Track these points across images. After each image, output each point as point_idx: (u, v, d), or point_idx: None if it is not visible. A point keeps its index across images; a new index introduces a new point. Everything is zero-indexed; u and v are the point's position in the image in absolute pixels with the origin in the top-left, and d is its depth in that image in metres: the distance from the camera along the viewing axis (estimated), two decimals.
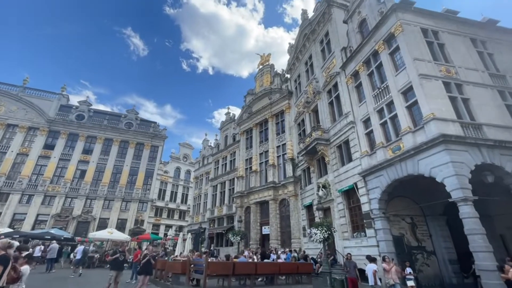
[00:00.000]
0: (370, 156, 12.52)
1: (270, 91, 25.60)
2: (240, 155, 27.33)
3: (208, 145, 36.25)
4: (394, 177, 10.82)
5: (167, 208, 38.18)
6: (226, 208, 26.99)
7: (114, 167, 34.59)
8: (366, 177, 12.41)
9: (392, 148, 11.24)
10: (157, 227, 36.48)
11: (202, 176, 34.44)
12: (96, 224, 30.29)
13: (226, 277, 8.31)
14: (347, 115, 14.60)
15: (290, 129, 22.39)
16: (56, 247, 13.82)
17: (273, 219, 20.53)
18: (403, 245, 11.33)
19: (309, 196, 17.99)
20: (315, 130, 16.31)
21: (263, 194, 21.97)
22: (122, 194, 33.28)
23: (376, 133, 12.24)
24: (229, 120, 32.26)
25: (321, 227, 10.33)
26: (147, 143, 37.75)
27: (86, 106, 37.41)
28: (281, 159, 22.69)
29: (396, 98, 11.28)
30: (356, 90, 14.47)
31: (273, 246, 18.93)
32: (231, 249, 23.72)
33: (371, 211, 11.86)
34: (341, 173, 14.51)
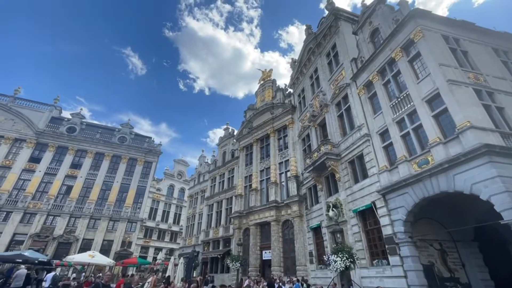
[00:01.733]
0: (390, 172, 11.21)
1: (272, 106, 24.68)
2: (239, 172, 25.74)
3: (204, 161, 34.62)
4: (423, 195, 9.45)
5: (157, 228, 35.51)
6: (222, 230, 24.86)
7: (103, 183, 32.48)
8: (387, 195, 10.99)
9: (417, 162, 9.98)
10: (146, 249, 33.59)
11: (197, 195, 32.42)
12: (78, 246, 27.60)
13: None
14: (361, 128, 13.48)
15: (293, 144, 21.16)
16: (23, 273, 11.68)
17: (275, 242, 18.60)
18: (434, 276, 9.69)
19: (316, 217, 16.34)
20: (324, 144, 15.08)
21: (264, 214, 20.17)
22: (110, 212, 30.90)
23: (397, 146, 11.03)
24: (228, 135, 31.02)
25: (342, 254, 8.72)
26: (141, 158, 35.98)
27: (79, 118, 35.95)
28: (283, 176, 21.19)
29: (420, 107, 10.22)
30: (370, 101, 13.49)
31: (275, 273, 16.86)
32: (227, 276, 21.39)
33: (395, 235, 10.31)
34: (355, 191, 13.08)
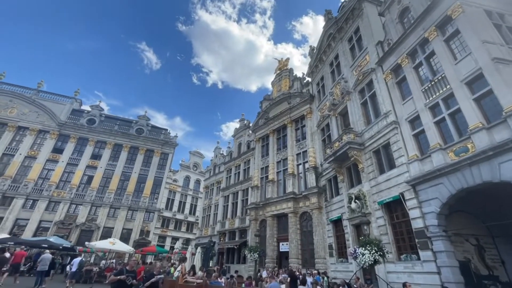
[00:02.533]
0: (421, 161, 10.41)
1: (289, 96, 23.96)
2: (255, 164, 25.40)
3: (220, 153, 34.57)
4: (461, 186, 8.65)
5: (174, 219, 36.14)
6: (238, 221, 24.79)
7: (122, 173, 33.25)
8: (418, 186, 10.24)
9: (454, 150, 9.14)
10: (163, 239, 34.34)
11: (212, 186, 32.52)
12: (100, 233, 28.56)
13: None
14: (387, 115, 12.64)
15: (312, 135, 20.47)
16: (48, 258, 11.98)
17: (292, 234, 18.22)
18: (470, 273, 8.96)
19: (336, 210, 15.76)
20: (347, 133, 14.34)
21: (281, 206, 19.79)
22: (129, 202, 31.67)
23: (430, 133, 10.19)
24: (243, 127, 30.66)
25: (371, 247, 8.17)
26: (157, 150, 36.47)
27: (98, 110, 36.77)
28: (301, 167, 20.63)
29: (459, 90, 9.31)
30: (398, 86, 12.58)
31: (293, 266, 16.53)
32: (243, 267, 21.33)
33: (426, 229, 9.60)
34: (380, 182, 12.36)
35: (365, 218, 9.37)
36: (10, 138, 30.11)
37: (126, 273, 5.72)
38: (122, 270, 5.79)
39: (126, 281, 5.62)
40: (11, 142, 30.14)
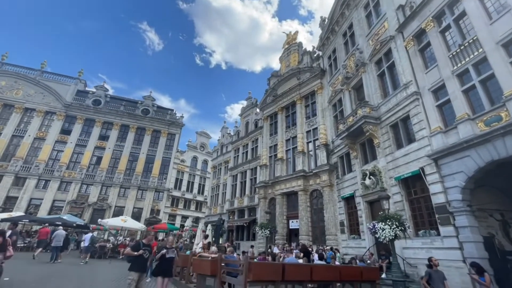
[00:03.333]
0: (445, 133, 9.73)
1: (299, 71, 22.90)
2: (263, 142, 24.96)
3: (227, 133, 34.16)
4: (491, 158, 8.04)
5: (183, 198, 36.68)
6: (247, 199, 24.83)
7: (130, 154, 33.39)
8: (440, 160, 9.66)
9: (485, 120, 8.42)
10: (173, 217, 35.10)
11: (220, 166, 32.47)
12: (111, 212, 29.20)
13: (272, 283, 6.01)
14: (407, 86, 11.79)
15: (323, 111, 19.70)
16: (62, 234, 12.14)
17: (303, 212, 18.10)
18: (494, 248, 8.59)
19: (348, 187, 15.39)
20: (362, 106, 13.58)
21: (291, 184, 19.53)
22: (138, 182, 32.04)
23: (457, 103, 9.41)
24: (251, 105, 29.91)
25: (391, 221, 7.79)
26: (164, 130, 36.28)
27: (103, 91, 36.32)
28: (311, 145, 20.10)
29: (494, 53, 8.40)
30: (420, 54, 11.60)
31: (303, 242, 16.51)
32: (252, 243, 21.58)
33: (448, 204, 9.14)
34: (397, 157, 11.79)
35: (384, 193, 8.94)
36: (18, 119, 30.17)
37: (143, 247, 5.50)
38: (138, 244, 5.58)
39: (143, 255, 5.41)
40: (19, 123, 30.25)
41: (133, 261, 5.41)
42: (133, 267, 5.37)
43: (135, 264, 5.38)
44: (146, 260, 5.55)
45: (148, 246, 5.65)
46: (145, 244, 5.65)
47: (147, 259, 5.59)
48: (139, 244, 5.60)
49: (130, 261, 5.42)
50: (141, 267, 5.46)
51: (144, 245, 5.58)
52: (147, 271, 5.52)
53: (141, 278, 5.47)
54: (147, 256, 5.52)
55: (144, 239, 5.79)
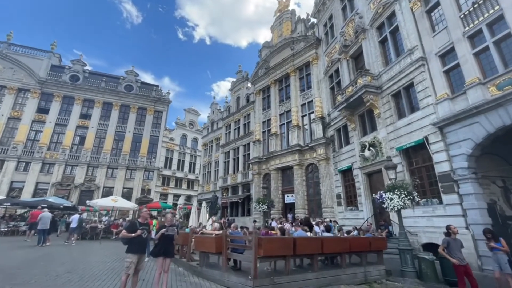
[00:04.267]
0: (452, 100, 9.34)
1: (292, 41, 21.66)
2: (256, 117, 24.18)
3: (217, 109, 32.98)
4: (502, 123, 7.74)
5: (174, 177, 36.06)
6: (241, 176, 24.52)
7: (115, 133, 31.84)
8: (446, 128, 9.35)
9: (497, 83, 8.00)
10: (165, 196, 34.66)
11: (211, 143, 31.69)
12: (100, 193, 28.28)
13: (282, 258, 5.66)
14: (412, 51, 11.14)
15: (318, 83, 18.94)
16: (47, 216, 11.35)
17: (298, 186, 17.97)
18: (496, 214, 8.63)
19: (346, 159, 15.17)
20: (363, 75, 12.92)
21: (286, 159, 19.20)
22: (126, 162, 30.90)
23: (467, 67, 8.91)
24: (241, 79, 28.60)
25: (399, 191, 7.52)
26: (150, 107, 34.58)
27: (81, 66, 33.65)
28: (306, 119, 19.56)
29: (511, 10, 7.77)
30: (427, 16, 10.85)
31: (300, 216, 16.56)
32: (248, 219, 21.61)
33: (453, 172, 8.99)
34: (399, 127, 11.45)
35: (391, 162, 8.63)
36: None
37: (140, 226, 4.89)
38: (134, 223, 4.96)
39: (142, 235, 4.82)
40: None
41: (131, 243, 4.82)
42: (131, 248, 4.79)
43: (133, 246, 4.80)
44: (145, 240, 4.97)
45: (145, 225, 5.05)
46: (141, 223, 5.03)
47: (146, 239, 5.02)
48: (134, 223, 4.98)
49: (127, 243, 4.82)
50: (140, 248, 4.89)
51: (141, 224, 4.97)
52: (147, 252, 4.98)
53: (140, 260, 4.92)
54: (145, 235, 4.94)
55: (139, 218, 5.15)
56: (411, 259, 7.31)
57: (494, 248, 5.98)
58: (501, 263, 5.77)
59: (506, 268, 5.69)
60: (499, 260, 5.82)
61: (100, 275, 6.70)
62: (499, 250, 5.94)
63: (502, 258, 5.82)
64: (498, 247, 5.94)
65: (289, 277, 5.57)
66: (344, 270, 6.56)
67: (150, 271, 7.22)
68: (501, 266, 5.74)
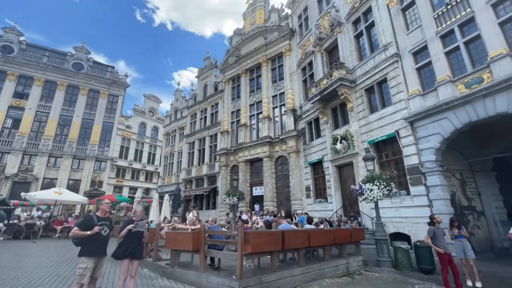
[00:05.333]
0: (423, 96, 9.76)
1: (265, 30, 21.05)
2: (225, 107, 23.17)
3: (181, 96, 30.94)
4: (469, 119, 8.25)
5: (131, 168, 33.03)
6: (206, 168, 23.37)
7: (60, 117, 27.80)
8: (416, 123, 9.76)
9: (466, 82, 8.50)
10: (120, 189, 31.58)
11: (174, 132, 29.68)
12: (39, 185, 24.49)
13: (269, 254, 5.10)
14: (387, 48, 11.41)
15: (290, 75, 18.72)
16: None
17: (268, 178, 17.68)
18: (455, 204, 9.31)
19: (316, 152, 15.26)
20: (338, 68, 12.95)
21: (256, 151, 18.72)
22: (73, 150, 27.25)
23: (438, 65, 9.34)
24: (209, 66, 27.12)
25: (379, 182, 7.53)
26: (104, 91, 30.95)
27: (16, 35, 28.43)
28: (277, 110, 19.27)
29: (482, 13, 8.26)
30: (403, 14, 11.17)
31: (268, 208, 16.33)
32: (213, 212, 20.78)
33: (421, 165, 9.44)
34: (371, 121, 11.73)
35: (370, 154, 8.69)
36: None
37: (98, 222, 3.81)
38: (91, 218, 3.85)
39: (100, 233, 3.76)
40: None
41: (85, 243, 3.73)
42: (86, 251, 3.71)
43: (88, 247, 3.72)
44: (105, 239, 3.92)
45: (105, 219, 3.98)
46: (101, 217, 3.95)
47: (107, 238, 3.96)
48: (90, 218, 3.88)
49: (80, 244, 3.72)
50: (98, 249, 3.83)
51: (100, 219, 3.90)
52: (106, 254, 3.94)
53: (98, 265, 3.86)
54: (106, 233, 3.90)
55: (97, 212, 4.04)
56: (387, 248, 7.40)
57: (459, 235, 6.28)
58: (466, 250, 6.07)
59: (471, 255, 6.01)
60: (465, 247, 6.11)
61: (41, 285, 5.34)
62: (463, 238, 6.24)
63: (466, 245, 6.13)
64: (463, 234, 6.25)
65: (277, 274, 5.05)
66: (328, 263, 6.30)
67: (110, 275, 6.05)
68: (466, 253, 6.05)
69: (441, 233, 5.52)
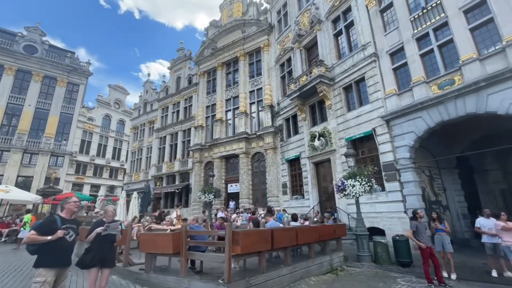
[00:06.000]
0: (399, 96, 10.13)
1: (244, 23, 20.55)
2: (199, 101, 22.25)
3: (152, 88, 29.14)
4: (441, 118, 8.70)
5: (93, 164, 30.35)
6: (179, 164, 22.29)
7: (7, 105, 24.58)
8: (392, 121, 10.11)
9: (439, 83, 8.95)
10: (80, 186, 28.85)
11: (143, 126, 27.88)
12: None
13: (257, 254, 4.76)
14: (365, 47, 11.67)
15: (268, 70, 18.50)
16: None
17: (244, 175, 17.33)
18: (425, 199, 9.83)
19: (294, 149, 15.27)
20: (318, 65, 12.99)
21: (232, 147, 18.24)
22: (24, 143, 24.23)
23: (414, 66, 9.74)
24: (183, 57, 25.84)
25: (361, 178, 7.59)
26: (62, 78, 27.99)
27: None
28: (255, 106, 18.95)
29: (455, 18, 8.72)
30: (381, 15, 11.48)
31: (244, 205, 16.00)
32: (185, 211, 19.87)
33: (396, 162, 9.80)
34: (349, 119, 11.95)
35: (351, 150, 8.77)
36: None
37: (63, 225, 3.12)
38: (52, 220, 3.14)
39: (65, 238, 3.08)
40: None
41: (44, 251, 3.02)
42: (44, 260, 3.01)
43: (48, 255, 3.01)
44: (70, 245, 3.25)
45: (72, 222, 3.30)
46: (66, 219, 3.27)
47: (72, 244, 3.29)
48: (53, 220, 3.17)
49: (37, 251, 3.02)
50: (61, 258, 3.14)
51: (65, 221, 3.22)
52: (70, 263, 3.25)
53: (60, 277, 3.17)
54: (71, 238, 3.22)
55: (62, 212, 3.33)
56: (367, 243, 7.50)
57: (438, 229, 6.55)
58: (444, 243, 6.34)
59: (449, 248, 6.29)
60: (443, 240, 6.38)
61: None
62: (443, 231, 6.53)
63: (446, 239, 6.40)
64: (443, 228, 6.53)
65: (265, 275, 4.73)
66: (313, 261, 6.17)
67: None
68: (444, 246, 6.31)
69: (423, 228, 5.65)
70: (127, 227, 6.47)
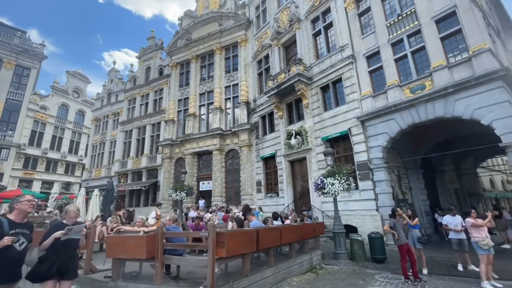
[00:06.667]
0: (374, 98, 10.49)
1: (220, 16, 19.91)
2: (171, 94, 21.09)
3: (117, 77, 26.96)
4: (412, 121, 9.17)
5: (45, 158, 27.16)
6: (146, 160, 20.92)
7: None
8: (367, 122, 10.44)
9: (411, 87, 9.42)
10: (28, 183, 25.61)
11: (107, 118, 25.69)
12: None
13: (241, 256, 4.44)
14: (343, 49, 11.91)
15: (245, 66, 18.14)
16: None
17: (217, 172, 16.80)
18: (394, 198, 10.32)
19: (269, 147, 15.16)
20: (297, 64, 12.98)
21: (205, 143, 17.57)
22: None
23: (388, 70, 10.14)
24: (154, 46, 24.29)
25: (340, 176, 7.64)
26: (9, 60, 24.73)
27: None
28: (230, 102, 18.48)
29: (427, 27, 9.23)
30: (359, 19, 11.80)
31: (217, 204, 15.51)
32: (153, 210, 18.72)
33: (370, 161, 10.14)
34: (325, 119, 12.13)
35: (330, 149, 8.85)
36: None
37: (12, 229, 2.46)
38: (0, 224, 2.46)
39: (14, 246, 2.43)
40: None
41: None
42: None
43: None
44: (20, 255, 2.60)
45: (24, 226, 2.64)
46: (16, 222, 2.61)
47: (23, 253, 2.64)
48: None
49: None
50: (8, 271, 2.47)
51: (14, 225, 2.56)
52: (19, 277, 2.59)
53: None
54: (22, 246, 2.58)
55: (11, 213, 2.64)
56: (344, 241, 7.60)
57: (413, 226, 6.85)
58: (415, 240, 6.64)
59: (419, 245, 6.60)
60: (413, 236, 6.69)
61: None
62: (415, 228, 6.83)
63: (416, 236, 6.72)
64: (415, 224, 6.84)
65: (249, 279, 4.43)
66: (295, 260, 6.03)
67: None
68: (415, 243, 6.62)
69: (400, 225, 5.81)
70: (90, 228, 5.69)
